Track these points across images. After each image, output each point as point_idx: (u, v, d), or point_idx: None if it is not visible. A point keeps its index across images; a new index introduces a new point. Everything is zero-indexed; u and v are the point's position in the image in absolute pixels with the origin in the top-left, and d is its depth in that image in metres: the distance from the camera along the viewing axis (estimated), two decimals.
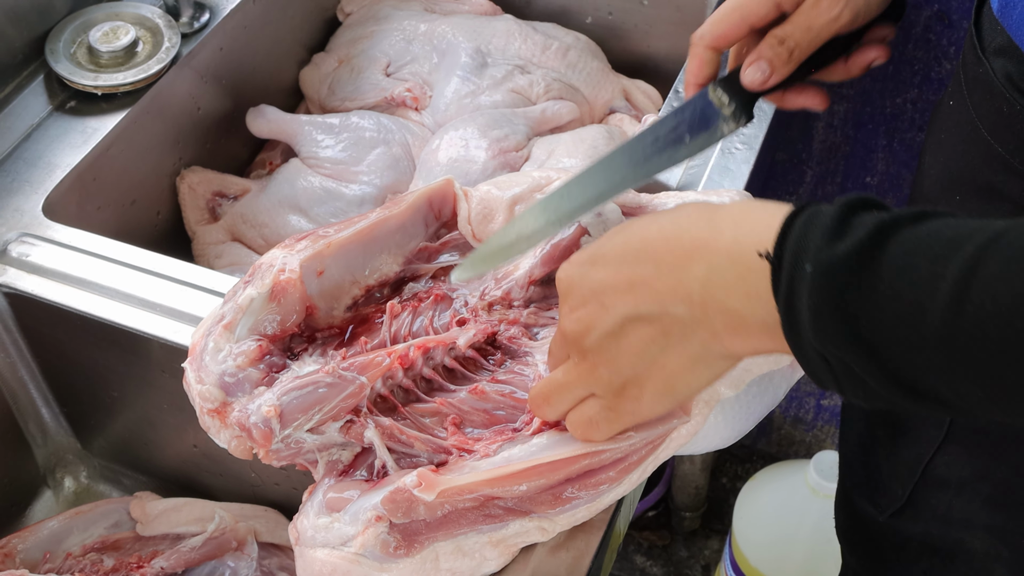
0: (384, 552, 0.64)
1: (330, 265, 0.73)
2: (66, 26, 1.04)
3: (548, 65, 1.18)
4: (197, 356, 0.70)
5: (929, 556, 0.85)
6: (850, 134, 1.40)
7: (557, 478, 0.65)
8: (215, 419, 0.69)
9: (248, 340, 0.70)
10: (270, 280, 0.71)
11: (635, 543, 1.84)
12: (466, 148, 1.05)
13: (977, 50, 0.71)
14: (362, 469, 0.69)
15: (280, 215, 1.09)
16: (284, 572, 0.92)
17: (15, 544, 0.92)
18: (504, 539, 0.66)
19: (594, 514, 0.68)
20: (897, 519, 0.86)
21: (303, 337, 0.74)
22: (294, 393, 0.67)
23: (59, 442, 1.01)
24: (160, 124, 1.07)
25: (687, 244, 0.55)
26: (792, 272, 0.49)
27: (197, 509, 0.94)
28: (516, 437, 0.68)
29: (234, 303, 0.71)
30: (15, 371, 0.95)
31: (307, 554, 0.66)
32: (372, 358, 0.70)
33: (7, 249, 0.89)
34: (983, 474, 0.78)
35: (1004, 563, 0.80)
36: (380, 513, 0.64)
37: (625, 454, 0.66)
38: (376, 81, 1.19)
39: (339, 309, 0.75)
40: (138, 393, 0.92)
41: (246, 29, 1.15)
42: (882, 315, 0.47)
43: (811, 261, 0.48)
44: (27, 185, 0.95)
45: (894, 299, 0.46)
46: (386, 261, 0.76)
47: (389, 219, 0.75)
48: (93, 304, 0.85)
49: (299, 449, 0.68)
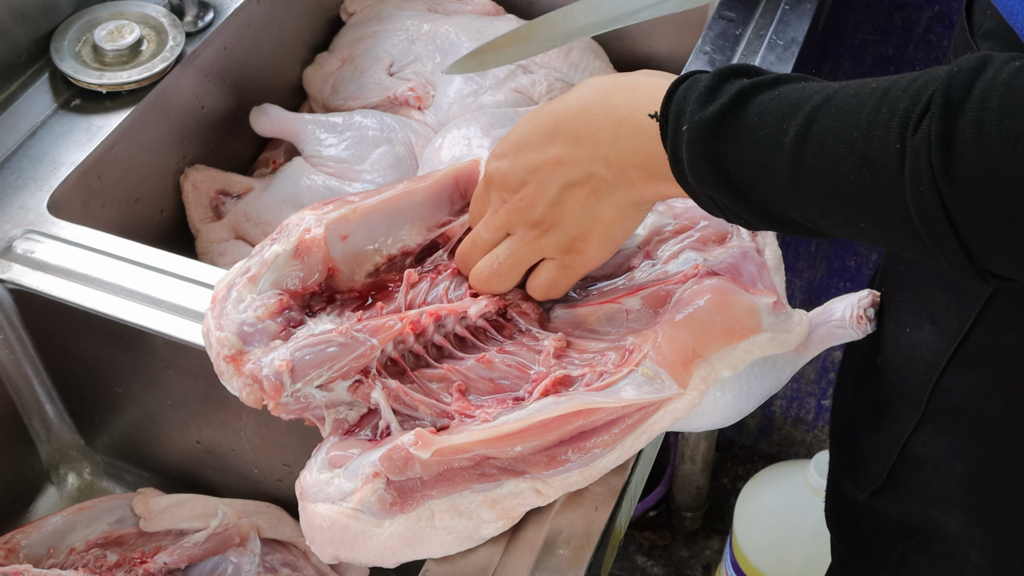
0: (381, 508, 0.66)
1: (354, 230, 0.75)
2: (71, 25, 1.05)
3: (550, 65, 1.18)
4: (219, 303, 0.72)
5: (906, 539, 0.86)
6: None
7: (551, 439, 0.67)
8: (230, 365, 0.70)
9: (270, 293, 0.72)
10: (295, 238, 0.73)
11: (636, 543, 1.84)
12: (468, 146, 1.06)
13: (967, 34, 0.72)
14: (367, 429, 0.70)
15: (283, 213, 1.10)
16: (287, 568, 0.92)
17: (19, 539, 0.92)
18: (499, 499, 0.67)
19: (588, 481, 0.69)
20: (877, 499, 0.87)
21: (323, 297, 0.75)
22: (307, 349, 0.69)
23: (63, 438, 1.02)
24: (164, 122, 1.08)
25: (594, 118, 0.66)
26: (675, 132, 0.60)
27: (200, 505, 0.94)
28: (518, 405, 0.69)
29: (260, 257, 0.73)
30: (20, 367, 0.95)
31: (308, 508, 0.68)
32: (384, 321, 0.71)
33: (12, 246, 0.90)
34: (958, 453, 0.79)
35: (978, 546, 0.81)
36: (378, 470, 0.66)
37: (619, 415, 0.67)
38: (379, 80, 1.19)
39: (360, 275, 0.76)
40: (142, 389, 0.93)
41: (250, 28, 1.16)
42: (744, 164, 0.58)
43: (687, 122, 0.59)
44: (32, 183, 0.95)
45: (752, 151, 0.57)
46: (409, 232, 0.78)
47: (415, 191, 0.78)
48: (97, 300, 0.86)
49: (307, 404, 0.70)
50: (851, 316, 0.78)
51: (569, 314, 0.76)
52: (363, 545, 0.67)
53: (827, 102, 0.55)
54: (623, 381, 0.69)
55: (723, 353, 0.70)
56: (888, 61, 1.33)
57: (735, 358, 0.70)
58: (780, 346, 0.73)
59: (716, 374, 0.69)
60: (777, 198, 0.58)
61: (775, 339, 0.72)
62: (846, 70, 1.36)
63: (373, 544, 0.67)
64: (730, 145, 0.58)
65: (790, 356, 0.75)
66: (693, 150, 0.59)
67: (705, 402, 0.70)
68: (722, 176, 0.59)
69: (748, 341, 0.71)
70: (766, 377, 0.74)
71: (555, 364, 0.71)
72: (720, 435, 1.90)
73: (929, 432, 0.81)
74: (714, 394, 0.71)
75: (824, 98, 0.55)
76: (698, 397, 0.69)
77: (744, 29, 1.06)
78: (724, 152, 0.58)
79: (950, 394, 0.78)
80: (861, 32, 1.32)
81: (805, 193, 0.56)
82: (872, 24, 1.30)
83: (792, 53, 1.04)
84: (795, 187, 0.56)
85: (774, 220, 0.60)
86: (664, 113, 0.61)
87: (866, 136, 0.53)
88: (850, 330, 0.78)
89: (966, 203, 0.51)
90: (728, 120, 0.58)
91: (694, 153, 0.59)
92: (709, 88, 0.59)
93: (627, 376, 0.69)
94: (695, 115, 0.59)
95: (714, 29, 1.06)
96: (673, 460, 1.75)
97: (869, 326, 0.79)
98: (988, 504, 0.79)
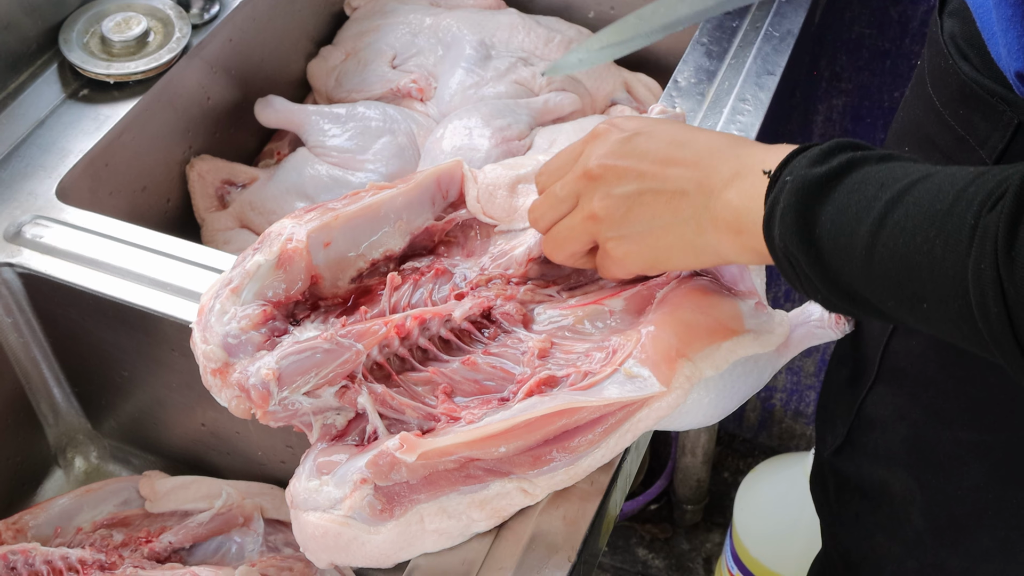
0: (371, 514, 0.67)
1: (337, 237, 0.75)
2: (79, 16, 1.07)
3: (551, 57, 1.20)
4: (204, 316, 0.73)
5: (859, 499, 0.89)
6: (848, 128, 1.42)
7: (535, 438, 0.67)
8: (217, 378, 0.71)
9: (253, 304, 0.72)
10: (277, 248, 0.73)
11: (637, 536, 1.86)
12: (470, 136, 1.07)
13: (936, 11, 0.75)
14: (354, 434, 0.71)
15: (288, 202, 1.12)
16: (289, 548, 0.94)
17: (27, 520, 0.94)
18: (487, 500, 0.68)
19: (574, 480, 0.70)
20: (837, 457, 0.91)
21: (307, 305, 0.76)
22: (292, 357, 0.70)
23: (70, 422, 1.03)
24: (171, 113, 1.09)
25: (725, 153, 0.66)
26: (779, 187, 0.61)
27: (205, 487, 0.96)
28: (502, 406, 0.69)
29: (242, 268, 0.73)
30: (28, 351, 0.97)
31: (300, 517, 0.69)
32: (369, 326, 0.72)
33: (21, 231, 0.92)
34: (902, 414, 0.82)
35: (918, 507, 0.84)
36: (365, 476, 0.66)
37: (601, 414, 0.68)
38: (382, 73, 1.21)
39: (344, 280, 0.77)
40: (148, 372, 0.94)
41: (255, 21, 1.18)
42: (831, 226, 0.58)
43: (793, 176, 0.60)
44: (41, 170, 0.97)
45: (842, 214, 0.57)
46: (392, 237, 0.78)
47: (397, 196, 0.78)
48: (105, 284, 0.88)
49: (295, 411, 0.70)
50: (830, 316, 0.79)
51: (553, 315, 0.76)
52: (357, 551, 0.68)
53: (925, 178, 0.56)
54: (607, 380, 0.69)
55: (707, 353, 0.71)
56: (885, 55, 1.35)
57: (718, 358, 0.71)
58: (762, 346, 0.73)
59: (700, 373, 0.70)
60: (851, 268, 0.58)
61: (758, 339, 0.73)
62: (843, 63, 1.37)
63: (367, 549, 0.68)
64: (826, 206, 0.58)
65: (772, 356, 0.76)
66: (789, 201, 0.59)
67: (689, 401, 0.71)
68: (807, 232, 0.59)
69: (732, 341, 0.72)
70: (748, 376, 0.75)
71: (540, 365, 0.72)
72: (721, 428, 1.91)
73: (880, 393, 0.84)
74: (697, 393, 0.71)
75: (924, 175, 0.56)
76: (682, 396, 0.69)
77: (741, 21, 1.08)
78: (817, 211, 0.59)
79: (897, 356, 0.81)
80: (858, 26, 1.33)
81: (877, 262, 0.56)
82: (869, 18, 1.32)
83: (788, 45, 1.05)
84: (869, 254, 0.56)
85: (844, 294, 0.60)
86: (777, 171, 0.62)
87: (948, 210, 0.53)
88: (829, 330, 0.79)
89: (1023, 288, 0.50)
90: (831, 183, 0.58)
91: (788, 204, 0.59)
92: (823, 152, 0.60)
93: (611, 376, 0.69)
94: (802, 172, 0.60)
95: (711, 21, 1.08)
96: (674, 454, 1.76)
97: (847, 326, 0.80)
98: (926, 466, 0.82)
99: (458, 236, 0.81)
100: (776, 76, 1.02)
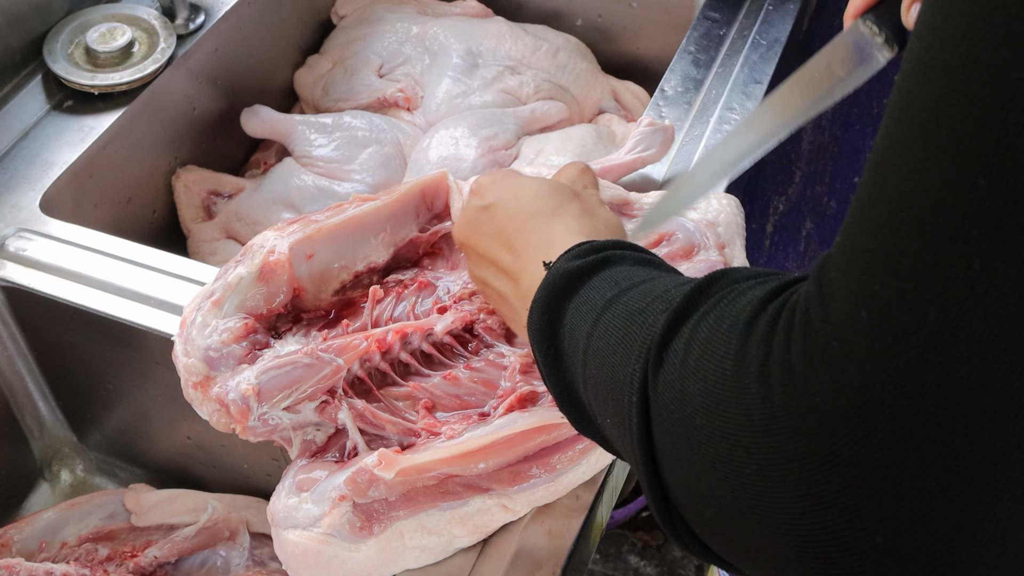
0: (351, 532, 0.66)
1: (319, 249, 0.75)
2: (64, 27, 1.07)
3: (538, 66, 1.20)
4: (186, 329, 0.72)
5: None
6: (838, 135, 1.41)
7: (514, 455, 0.67)
8: (198, 392, 0.71)
9: (235, 317, 0.72)
10: (259, 260, 0.73)
11: (629, 543, 1.85)
12: (456, 146, 1.07)
13: None
14: (335, 450, 0.71)
15: (274, 213, 1.11)
16: (275, 562, 0.93)
17: (12, 534, 0.93)
18: (467, 516, 0.68)
19: (555, 496, 0.70)
20: None
21: (289, 317, 0.75)
22: (272, 372, 0.69)
23: (56, 435, 1.03)
24: (156, 123, 1.09)
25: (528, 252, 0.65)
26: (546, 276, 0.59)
27: (191, 500, 0.95)
28: (483, 421, 0.69)
29: (224, 281, 0.73)
30: (12, 365, 0.96)
31: (281, 535, 0.68)
32: (350, 341, 0.71)
33: (5, 244, 0.91)
34: None
35: None
36: (343, 493, 0.66)
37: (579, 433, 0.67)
38: (369, 82, 1.21)
39: (327, 293, 0.76)
40: (133, 385, 0.94)
41: (241, 31, 1.17)
42: (570, 324, 0.55)
43: (553, 268, 0.59)
44: (25, 182, 0.97)
45: (576, 313, 0.55)
46: (376, 249, 0.78)
47: (381, 208, 0.77)
48: (89, 297, 0.87)
49: (275, 427, 0.70)
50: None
51: None
52: (338, 568, 0.68)
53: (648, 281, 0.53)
54: None
55: None
56: None
57: None
58: None
59: None
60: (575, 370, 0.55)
61: None
62: None
63: (348, 567, 0.67)
64: (572, 301, 0.56)
65: None
66: (544, 292, 0.58)
67: None
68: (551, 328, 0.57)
69: None
70: None
71: (521, 380, 0.72)
72: None
73: None
74: None
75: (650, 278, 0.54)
76: None
77: (728, 29, 1.08)
78: (565, 306, 0.57)
79: None
80: None
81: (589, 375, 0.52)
82: None
83: (775, 53, 1.05)
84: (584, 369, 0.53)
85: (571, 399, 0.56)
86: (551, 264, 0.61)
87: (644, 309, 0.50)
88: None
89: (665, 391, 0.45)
90: (583, 278, 0.57)
91: (543, 295, 0.58)
92: (591, 248, 0.59)
93: None
94: (560, 265, 0.58)
95: (698, 29, 1.08)
96: None
97: None
98: None
99: (443, 248, 0.81)
100: (764, 85, 1.02)
